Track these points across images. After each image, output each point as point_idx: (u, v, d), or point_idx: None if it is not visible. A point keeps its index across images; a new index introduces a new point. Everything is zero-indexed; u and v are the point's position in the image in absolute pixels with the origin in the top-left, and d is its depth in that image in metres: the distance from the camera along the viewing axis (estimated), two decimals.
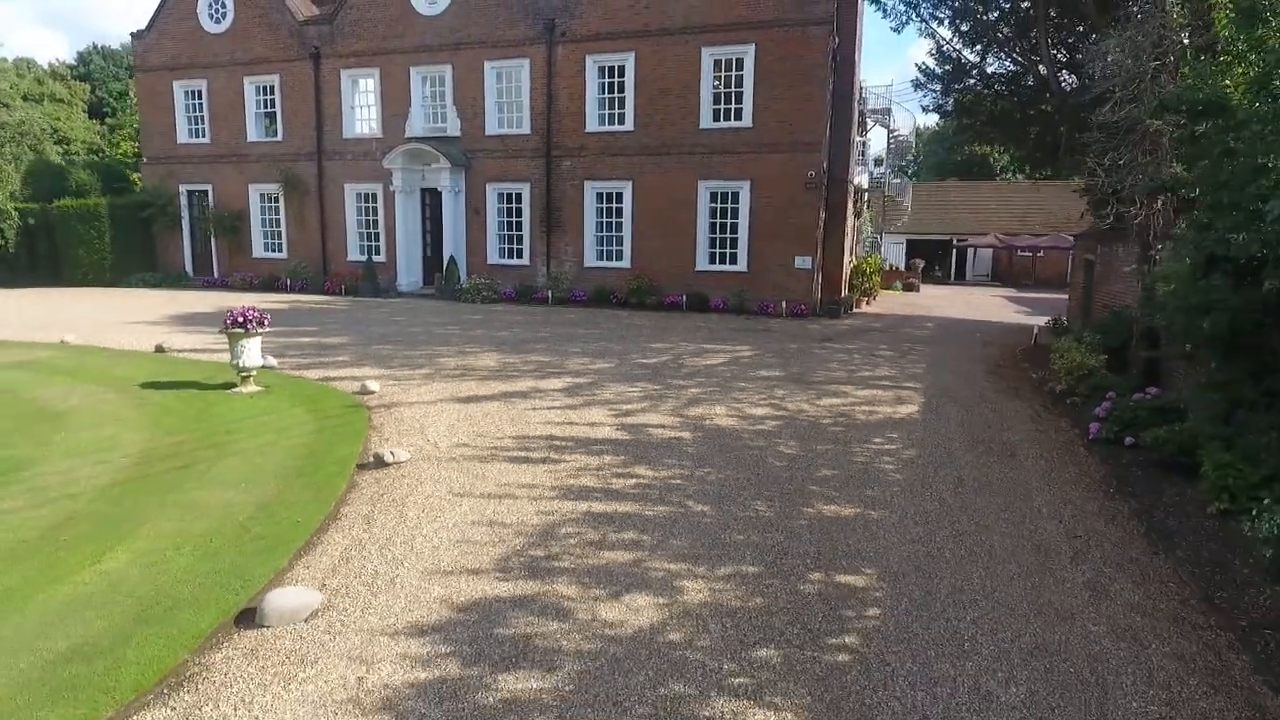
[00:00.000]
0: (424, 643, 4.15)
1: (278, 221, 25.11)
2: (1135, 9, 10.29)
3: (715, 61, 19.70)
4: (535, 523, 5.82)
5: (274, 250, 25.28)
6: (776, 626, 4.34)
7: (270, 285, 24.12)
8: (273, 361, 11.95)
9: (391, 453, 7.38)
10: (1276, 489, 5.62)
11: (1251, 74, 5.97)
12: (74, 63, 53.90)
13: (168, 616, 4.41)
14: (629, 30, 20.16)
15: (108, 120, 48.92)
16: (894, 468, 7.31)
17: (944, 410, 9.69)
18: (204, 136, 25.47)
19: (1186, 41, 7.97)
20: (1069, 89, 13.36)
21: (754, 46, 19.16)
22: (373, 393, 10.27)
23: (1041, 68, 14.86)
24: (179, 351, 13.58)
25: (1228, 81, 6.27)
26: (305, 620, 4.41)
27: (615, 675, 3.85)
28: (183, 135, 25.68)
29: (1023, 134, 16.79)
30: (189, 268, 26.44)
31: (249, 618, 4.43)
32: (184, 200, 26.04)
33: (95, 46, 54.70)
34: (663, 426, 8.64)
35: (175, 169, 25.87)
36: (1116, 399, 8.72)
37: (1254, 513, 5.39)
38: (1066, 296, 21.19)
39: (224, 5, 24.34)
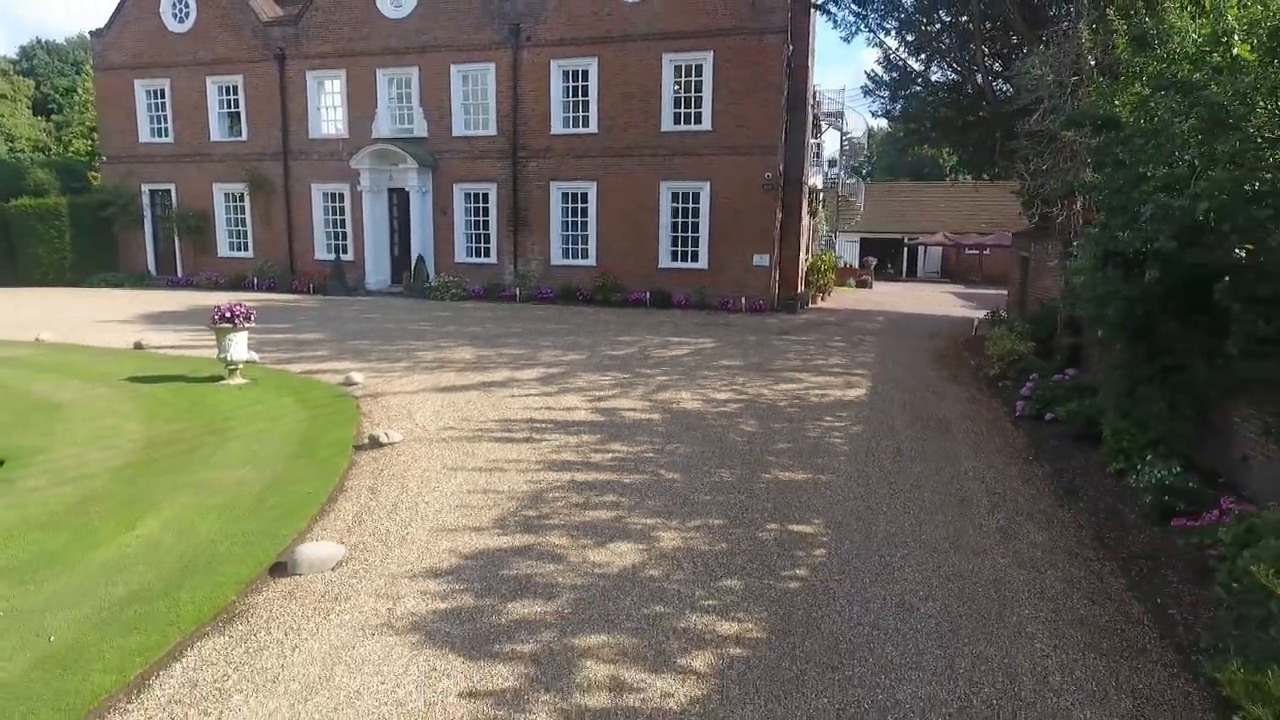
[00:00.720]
0: (440, 582, 4.85)
1: (243, 221, 25.24)
2: (1060, 27, 11.35)
3: (676, 67, 20.52)
4: (525, 490, 6.54)
5: (239, 250, 25.41)
6: (739, 563, 5.14)
7: (237, 285, 24.25)
8: (254, 356, 12.40)
9: (386, 434, 8.02)
10: (1160, 449, 6.60)
11: (1141, 94, 6.95)
12: (15, 58, 52.64)
13: (210, 568, 5.03)
14: (592, 36, 20.86)
15: (54, 117, 47.93)
16: (842, 441, 8.19)
17: (889, 393, 10.63)
18: (166, 136, 25.45)
19: (1094, 63, 9.01)
20: (1003, 98, 14.45)
21: (712, 53, 20.01)
22: (357, 384, 10.83)
23: (979, 77, 15.97)
24: (158, 348, 13.92)
25: (1117, 101, 7.24)
26: (332, 569, 5.07)
27: (605, 601, 4.60)
28: (144, 134, 25.63)
29: (963, 139, 17.94)
30: (152, 267, 26.38)
31: (281, 569, 5.07)
32: (146, 200, 25.97)
33: (39, 41, 53.53)
34: (634, 409, 9.40)
35: (137, 168, 25.79)
36: (1039, 380, 9.75)
37: (1139, 468, 6.36)
38: (1006, 292, 22.46)
39: (187, 5, 24.39)
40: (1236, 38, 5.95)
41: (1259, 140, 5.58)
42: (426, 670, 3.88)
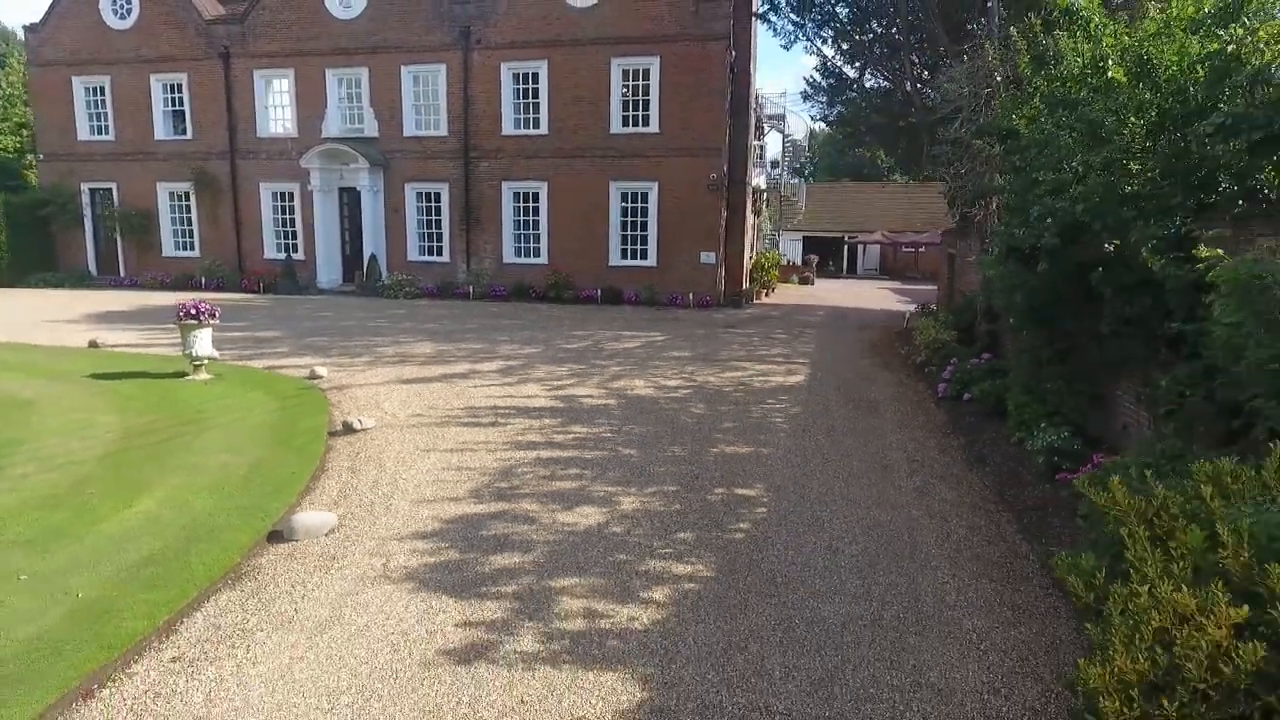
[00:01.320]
0: (426, 543, 5.45)
1: (189, 220, 25.03)
2: (977, 42, 12.41)
3: (624, 71, 21.21)
4: (495, 466, 7.15)
5: (185, 249, 25.19)
6: (690, 520, 5.86)
7: (184, 284, 24.02)
8: (215, 353, 12.65)
9: (359, 420, 8.52)
10: (1055, 419, 7.56)
11: (1037, 109, 7.91)
12: None
13: (212, 536, 5.53)
14: (542, 39, 21.41)
15: None
16: (782, 420, 9.00)
17: (825, 379, 11.52)
18: (107, 134, 25.07)
19: (1000, 79, 10.03)
20: (929, 105, 15.54)
21: (659, 59, 20.77)
22: (321, 377, 11.24)
23: (908, 85, 17.07)
24: (114, 347, 14.01)
25: (1017, 115, 8.20)
26: (326, 535, 5.62)
27: (575, 552, 5.27)
28: (84, 132, 25.18)
29: (895, 142, 19.10)
30: (93, 267, 25.93)
31: (278, 536, 5.60)
32: (86, 199, 25.53)
33: None
34: (591, 396, 10.07)
35: (76, 166, 25.33)
36: (959, 365, 10.74)
37: (1035, 435, 7.30)
38: (937, 287, 23.79)
39: (129, 2, 24.07)
40: (1111, 62, 6.91)
41: (1127, 151, 6.54)
42: (424, 608, 4.49)
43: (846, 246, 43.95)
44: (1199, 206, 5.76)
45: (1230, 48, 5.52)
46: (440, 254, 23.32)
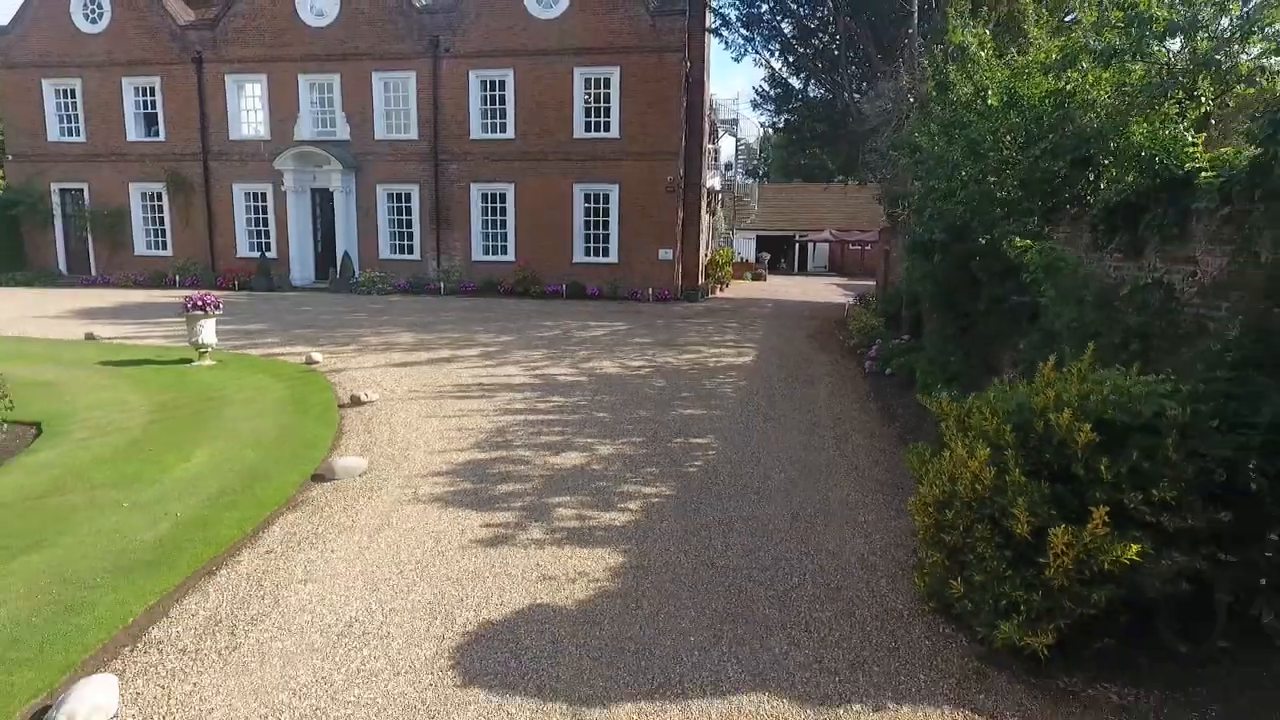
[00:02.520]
0: (444, 478, 6.81)
1: (161, 220, 25.68)
2: (900, 62, 14.12)
3: (586, 80, 22.60)
4: (489, 426, 8.52)
5: (158, 248, 25.83)
6: (655, 460, 7.32)
7: (157, 282, 24.74)
8: (216, 342, 13.69)
9: (364, 394, 9.79)
10: (952, 384, 9.20)
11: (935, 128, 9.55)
12: None
13: (267, 478, 6.80)
14: (508, 49, 22.68)
15: None
16: (731, 391, 10.53)
17: (770, 359, 13.10)
18: (78, 135, 25.57)
19: (913, 100, 11.69)
20: (864, 115, 17.26)
21: (619, 68, 22.22)
22: (317, 362, 12.41)
23: (845, 96, 18.79)
24: (109, 339, 14.92)
25: (918, 133, 9.83)
26: (359, 476, 6.94)
27: (564, 482, 6.69)
28: (54, 133, 25.65)
29: (835, 148, 20.85)
30: (63, 266, 26.38)
31: (320, 478, 6.89)
32: (56, 198, 25.98)
33: None
34: (565, 374, 11.47)
35: (46, 167, 25.77)
36: (883, 345, 12.40)
37: (933, 395, 8.92)
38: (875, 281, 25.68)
39: (100, 6, 24.65)
40: (990, 92, 8.56)
41: (1001, 164, 8.18)
42: (453, 518, 5.87)
43: (798, 245, 45.94)
44: (1048, 209, 7.41)
45: (1068, 87, 7.16)
46: (411, 252, 24.42)
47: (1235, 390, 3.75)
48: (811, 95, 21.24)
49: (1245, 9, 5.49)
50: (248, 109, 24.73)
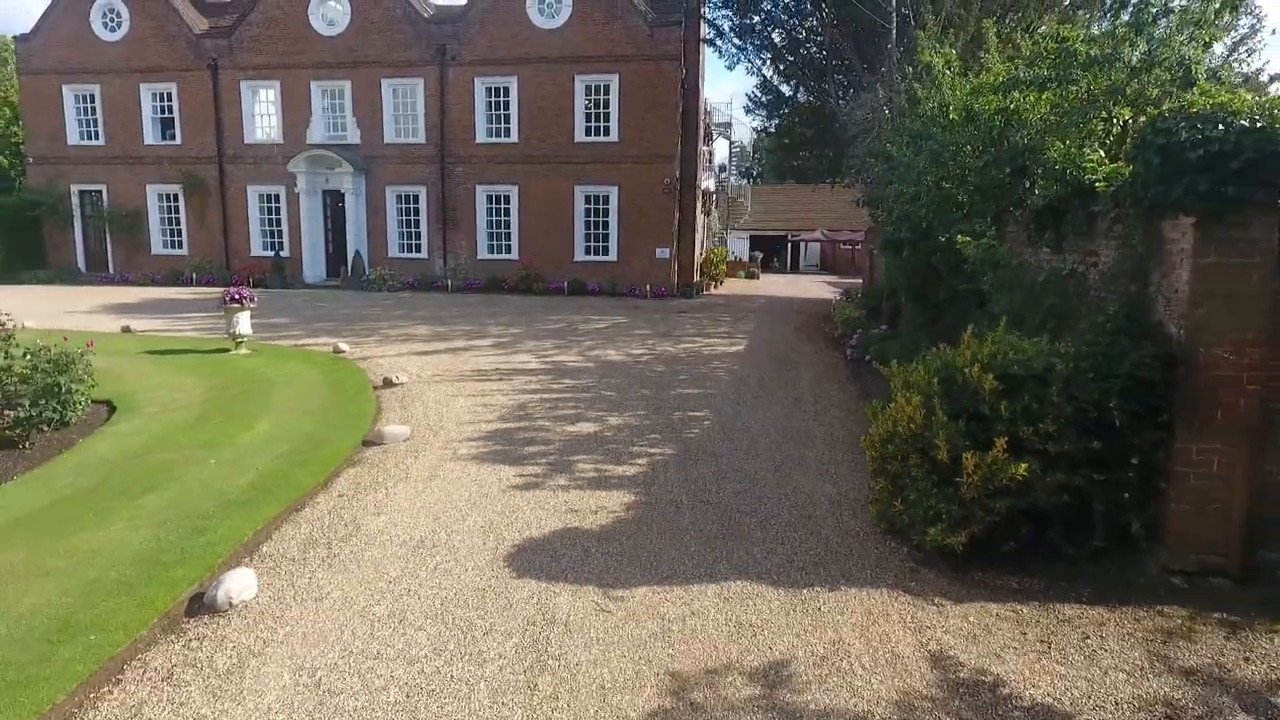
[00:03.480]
0: (477, 442, 7.94)
1: (177, 220, 26.71)
2: (881, 76, 15.28)
3: (586, 87, 23.73)
4: (510, 403, 9.65)
5: (174, 247, 26.86)
6: (658, 429, 8.46)
7: (174, 280, 25.76)
8: (251, 332, 14.76)
9: (395, 376, 10.90)
10: None
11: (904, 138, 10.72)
12: None
13: (326, 442, 7.91)
14: (512, 57, 23.80)
15: None
16: (724, 374, 11.68)
17: (759, 348, 14.26)
18: (97, 139, 26.58)
19: (887, 113, 12.86)
20: (849, 122, 18.45)
21: (618, 76, 23.35)
22: (344, 351, 13.50)
23: (832, 102, 19.97)
24: (144, 332, 15.99)
25: (889, 143, 10.99)
26: (404, 441, 8.05)
27: (580, 444, 7.82)
28: (73, 137, 26.64)
29: (822, 151, 22.04)
30: (82, 265, 27.38)
31: (370, 442, 8.00)
32: (76, 200, 26.98)
33: None
34: (573, 361, 12.61)
35: (66, 169, 26.77)
36: (863, 334, 13.57)
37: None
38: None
39: (119, 15, 25.67)
40: (951, 107, 9.72)
41: (958, 171, 9.34)
42: (490, 471, 7.00)
43: (790, 244, 47.15)
44: (998, 211, 8.57)
45: (1012, 106, 8.32)
46: (419, 250, 25.51)
47: (1108, 351, 4.90)
48: (801, 101, 22.42)
49: (1150, 46, 6.63)
50: (262, 114, 25.78)
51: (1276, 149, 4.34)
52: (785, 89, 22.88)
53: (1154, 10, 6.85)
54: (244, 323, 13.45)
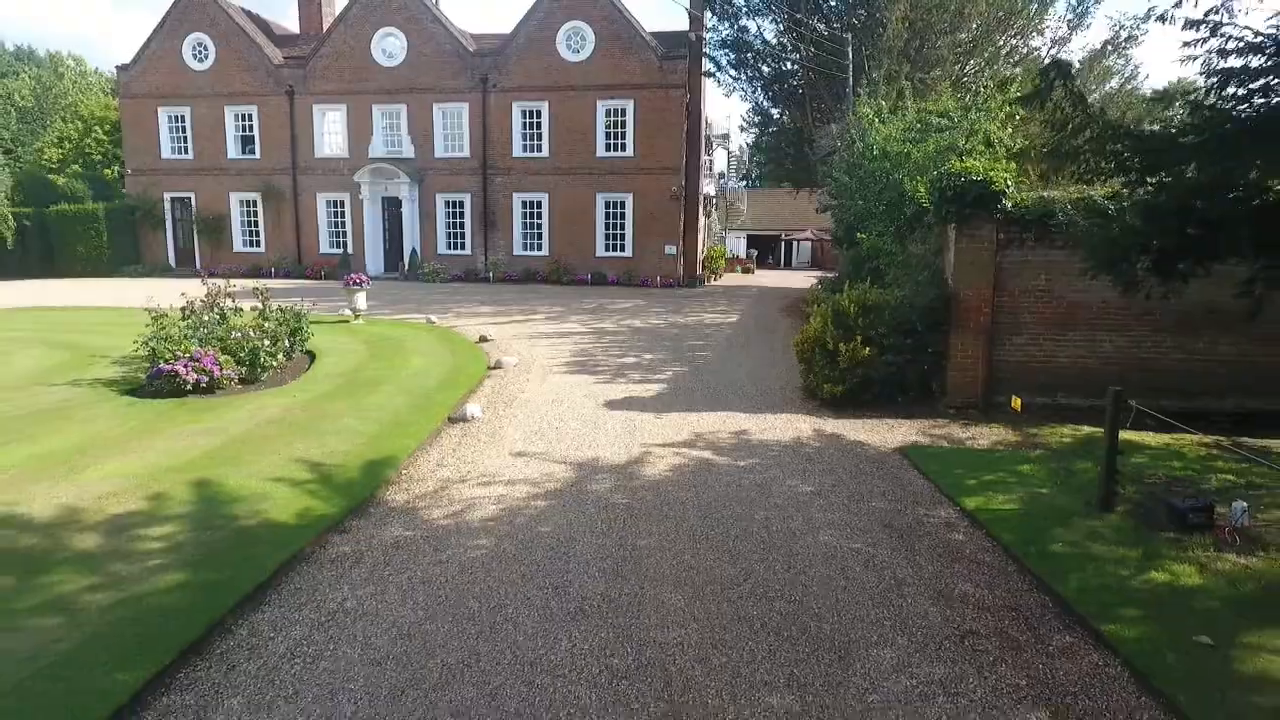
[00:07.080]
0: (562, 367, 12.45)
1: (256, 223, 31.25)
2: (842, 110, 19.76)
3: (606, 110, 28.24)
4: (575, 348, 14.16)
5: (253, 245, 31.41)
6: (677, 361, 13.01)
7: (254, 274, 30.19)
8: (364, 307, 19.23)
9: (486, 334, 15.40)
10: None
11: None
12: None
13: (465, 370, 12.39)
14: (543, 85, 28.30)
15: (11, 127, 50.83)
16: (721, 335, 16.21)
17: (749, 321, 18.81)
18: (187, 153, 31.11)
19: (839, 144, 17.34)
20: (817, 146, 22.95)
21: (634, 101, 27.86)
22: (434, 322, 18.01)
23: (809, 126, 24.46)
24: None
25: (836, 170, 15.44)
26: (514, 367, 12.57)
27: (627, 367, 12.37)
28: (166, 152, 31.18)
29: (801, 164, 26.54)
30: (172, 261, 31.93)
31: (493, 369, 12.52)
32: (168, 206, 31.52)
33: None
34: (610, 326, 17.15)
35: (159, 180, 31.31)
36: None
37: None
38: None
39: (207, 48, 30.20)
40: (874, 148, 14.24)
41: (876, 192, 13.84)
42: (576, 379, 11.53)
43: (783, 243, 51.66)
44: (896, 220, 13.08)
45: (905, 149, 12.82)
46: (464, 248, 30.03)
47: (918, 294, 9.41)
48: (785, 124, 26.91)
49: (968, 121, 11.13)
50: (330, 132, 30.28)
51: (987, 191, 8.87)
52: (774, 112, 27.33)
53: (979, 102, 11.37)
54: (361, 300, 17.98)
